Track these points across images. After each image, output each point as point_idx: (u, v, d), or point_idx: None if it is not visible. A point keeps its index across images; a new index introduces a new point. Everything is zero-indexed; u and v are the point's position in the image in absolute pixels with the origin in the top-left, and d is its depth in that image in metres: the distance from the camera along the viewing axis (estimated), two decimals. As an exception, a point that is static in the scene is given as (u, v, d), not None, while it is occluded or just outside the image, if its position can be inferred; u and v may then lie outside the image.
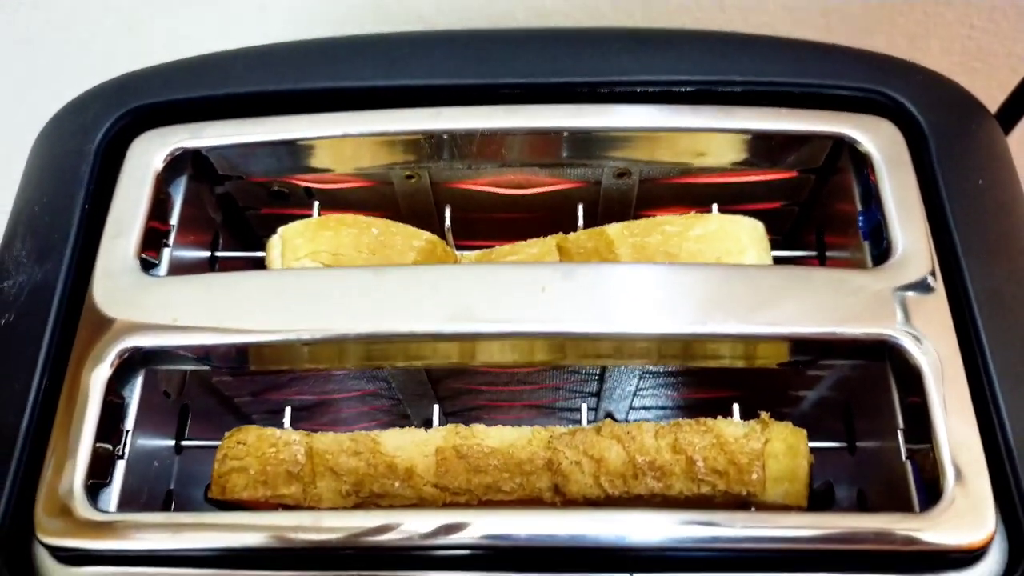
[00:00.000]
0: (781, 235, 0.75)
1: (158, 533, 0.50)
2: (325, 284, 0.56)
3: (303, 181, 0.68)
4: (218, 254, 0.70)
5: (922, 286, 0.55)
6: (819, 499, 0.64)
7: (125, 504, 0.55)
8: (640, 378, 0.67)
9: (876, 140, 0.60)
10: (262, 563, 0.50)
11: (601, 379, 0.67)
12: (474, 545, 0.49)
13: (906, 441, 0.54)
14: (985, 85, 0.96)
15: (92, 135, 0.63)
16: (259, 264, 0.66)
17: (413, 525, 0.49)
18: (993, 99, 0.80)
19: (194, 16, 0.92)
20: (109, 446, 0.55)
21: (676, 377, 0.68)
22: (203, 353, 0.57)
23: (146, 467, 0.59)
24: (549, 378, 0.68)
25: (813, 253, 0.70)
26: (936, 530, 0.49)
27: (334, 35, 0.71)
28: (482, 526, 0.49)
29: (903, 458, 0.54)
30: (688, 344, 0.56)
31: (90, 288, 0.58)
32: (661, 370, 0.66)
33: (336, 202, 0.68)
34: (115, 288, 0.57)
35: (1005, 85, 0.77)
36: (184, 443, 0.64)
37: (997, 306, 0.55)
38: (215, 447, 0.61)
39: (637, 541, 0.49)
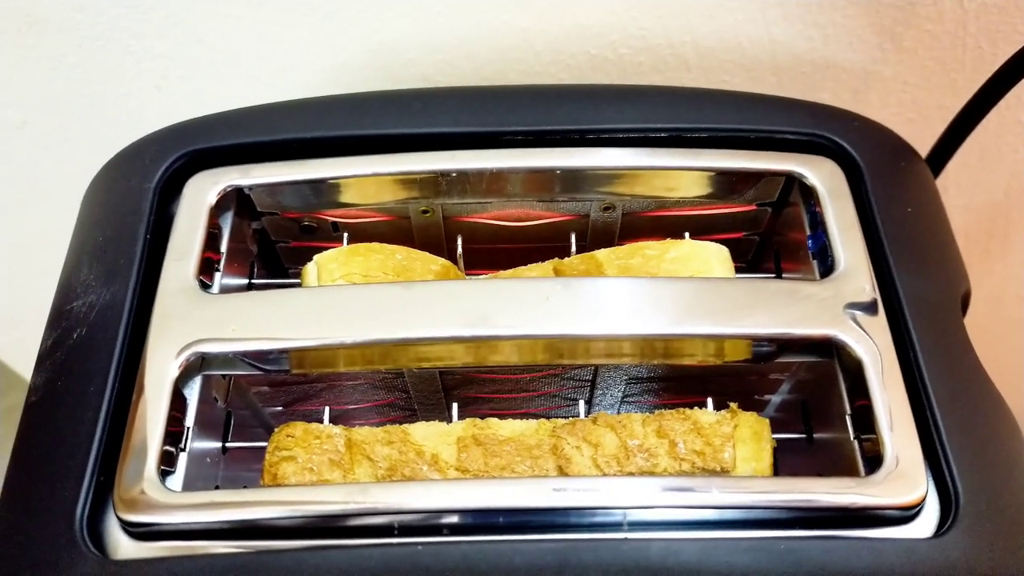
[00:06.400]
0: (746, 262, 0.86)
1: (227, 509, 0.59)
2: (362, 297, 0.66)
3: (331, 216, 0.78)
4: (254, 281, 0.80)
5: (861, 293, 0.66)
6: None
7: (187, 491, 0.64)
8: (627, 384, 0.77)
9: (820, 176, 0.72)
10: (319, 532, 0.59)
11: (592, 385, 0.77)
12: (491, 510, 0.58)
13: (853, 424, 0.65)
14: (920, 133, 1.08)
15: (151, 174, 0.72)
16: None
17: (440, 493, 0.59)
18: (927, 145, 0.93)
19: (218, 76, 1.02)
20: (175, 439, 0.64)
21: (657, 383, 0.78)
22: (255, 358, 0.66)
23: (200, 462, 0.68)
24: (547, 384, 0.78)
25: (772, 275, 0.81)
26: (876, 492, 0.59)
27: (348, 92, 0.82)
28: (498, 495, 0.59)
29: (851, 439, 0.65)
30: (667, 343, 0.66)
31: (155, 304, 0.67)
32: (644, 375, 0.76)
33: (359, 235, 0.78)
34: (178, 304, 0.66)
35: (937, 133, 0.90)
36: (228, 444, 0.73)
37: (922, 307, 0.66)
38: (254, 449, 0.70)
39: (630, 504, 0.58)
